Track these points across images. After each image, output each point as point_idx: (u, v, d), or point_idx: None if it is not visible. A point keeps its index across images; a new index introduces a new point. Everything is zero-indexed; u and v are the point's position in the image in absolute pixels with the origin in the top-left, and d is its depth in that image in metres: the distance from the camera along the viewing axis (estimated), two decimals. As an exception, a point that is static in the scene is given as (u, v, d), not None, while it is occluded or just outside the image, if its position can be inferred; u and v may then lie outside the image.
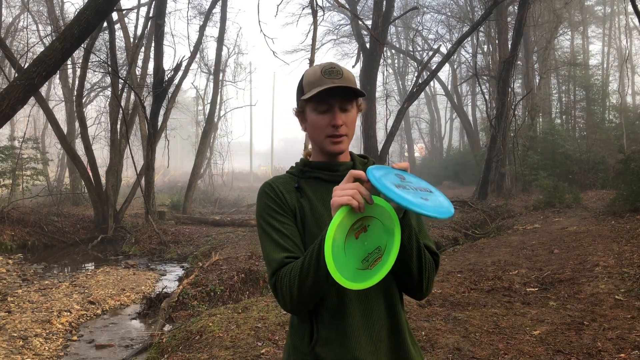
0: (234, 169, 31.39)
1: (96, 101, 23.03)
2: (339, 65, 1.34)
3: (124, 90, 14.94)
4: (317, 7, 10.62)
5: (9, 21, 20.02)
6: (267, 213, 1.32)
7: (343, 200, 1.08)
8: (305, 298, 1.19)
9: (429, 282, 1.30)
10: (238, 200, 22.51)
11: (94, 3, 6.26)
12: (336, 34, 26.32)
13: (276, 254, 1.26)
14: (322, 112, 1.32)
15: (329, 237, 1.07)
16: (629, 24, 26.52)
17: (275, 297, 1.26)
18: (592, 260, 6.45)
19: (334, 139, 1.32)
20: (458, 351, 3.76)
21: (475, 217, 13.42)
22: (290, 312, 1.27)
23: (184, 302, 6.40)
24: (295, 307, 1.23)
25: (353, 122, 1.35)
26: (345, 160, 1.40)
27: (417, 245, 1.23)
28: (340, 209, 1.09)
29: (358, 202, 1.08)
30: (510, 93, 15.47)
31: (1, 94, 6.13)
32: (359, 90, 1.31)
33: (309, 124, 1.36)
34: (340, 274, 1.06)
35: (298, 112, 1.40)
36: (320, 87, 1.28)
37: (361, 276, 1.10)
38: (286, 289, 1.20)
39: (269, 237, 1.29)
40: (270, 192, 1.34)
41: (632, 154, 11.16)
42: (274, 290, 1.25)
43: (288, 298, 1.21)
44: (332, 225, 1.07)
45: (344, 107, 1.31)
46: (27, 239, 11.94)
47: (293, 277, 1.19)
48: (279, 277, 1.23)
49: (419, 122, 38.40)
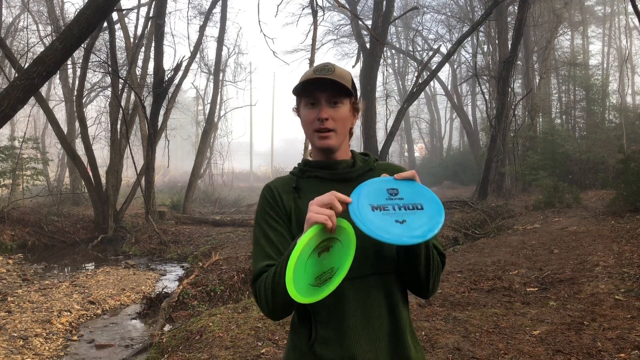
0: (234, 169, 31.39)
1: (96, 101, 23.04)
2: (334, 65, 1.34)
3: (124, 90, 14.93)
4: (317, 7, 10.62)
5: (9, 21, 20.03)
6: (261, 217, 1.36)
7: (319, 218, 1.10)
8: (278, 306, 1.23)
9: (436, 282, 1.32)
10: (238, 200, 22.51)
11: (94, 3, 6.26)
12: (336, 34, 26.36)
13: (259, 262, 1.31)
14: (311, 106, 1.33)
15: (297, 250, 1.09)
16: (629, 24, 26.56)
17: (257, 303, 1.30)
18: (592, 260, 6.45)
19: (320, 133, 1.32)
20: (458, 351, 3.77)
21: (475, 217, 13.42)
22: (271, 318, 1.30)
23: (184, 302, 6.41)
24: (272, 313, 1.26)
25: (343, 119, 1.34)
26: (346, 158, 1.40)
27: (425, 250, 1.24)
28: (314, 226, 1.10)
29: (332, 225, 1.11)
30: (510, 93, 15.47)
31: (1, 94, 6.14)
32: (345, 86, 1.31)
33: (301, 120, 1.38)
34: (294, 287, 1.08)
35: (296, 110, 1.42)
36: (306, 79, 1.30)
37: (309, 292, 1.12)
38: (263, 297, 1.24)
39: (257, 242, 1.35)
40: (268, 196, 1.37)
41: (632, 154, 11.14)
42: (255, 298, 1.29)
43: (265, 305, 1.25)
44: (302, 241, 1.09)
45: (332, 101, 1.32)
46: (27, 239, 11.94)
47: (267, 285, 1.22)
48: (257, 286, 1.27)
49: (419, 122, 38.43)
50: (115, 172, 13.85)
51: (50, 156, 20.94)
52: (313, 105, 1.33)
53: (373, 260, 1.29)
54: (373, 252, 1.29)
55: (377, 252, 1.29)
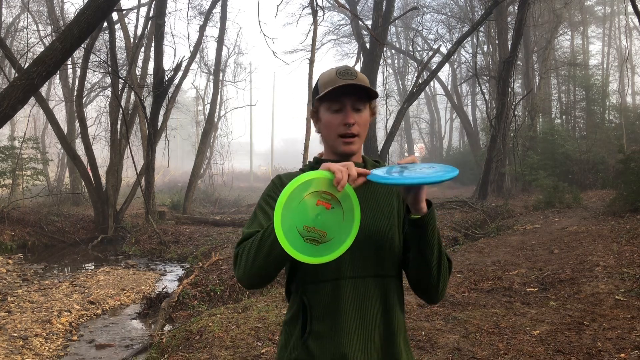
0: (234, 169, 31.36)
1: (96, 101, 23.03)
2: (354, 68, 1.36)
3: (124, 90, 14.93)
4: (317, 7, 10.63)
5: (9, 21, 20.03)
6: (264, 199, 1.36)
7: (333, 167, 1.11)
8: (257, 268, 1.19)
9: (445, 284, 1.32)
10: (238, 200, 22.51)
11: (94, 3, 6.26)
12: (336, 34, 26.35)
13: (250, 229, 1.29)
14: (335, 111, 1.34)
15: (298, 180, 1.07)
16: (629, 24, 26.54)
17: (234, 266, 1.27)
18: (592, 260, 6.45)
19: (345, 138, 1.33)
20: (458, 351, 3.77)
21: (475, 217, 13.41)
22: (245, 281, 1.25)
23: (184, 302, 6.41)
24: (247, 276, 1.22)
25: (366, 124, 1.36)
26: (357, 161, 1.40)
27: (438, 242, 1.25)
28: (325, 171, 1.10)
29: (342, 180, 1.09)
30: (510, 93, 15.46)
31: (1, 94, 6.13)
32: (373, 91, 1.32)
33: (323, 124, 1.38)
34: (280, 224, 1.06)
35: (313, 113, 1.42)
36: (334, 85, 1.30)
37: (297, 243, 1.09)
38: (245, 254, 1.22)
39: (254, 215, 1.34)
40: (277, 182, 1.38)
41: (632, 154, 11.14)
42: (235, 258, 1.26)
43: (242, 265, 1.22)
44: (306, 174, 1.08)
45: (357, 106, 1.33)
46: (27, 239, 11.94)
47: (253, 242, 1.20)
48: (240, 246, 1.26)
49: (419, 122, 38.43)
50: (115, 172, 13.85)
51: (50, 156, 20.94)
52: (338, 110, 1.33)
53: (374, 262, 1.29)
54: (375, 254, 1.29)
55: (379, 254, 1.29)
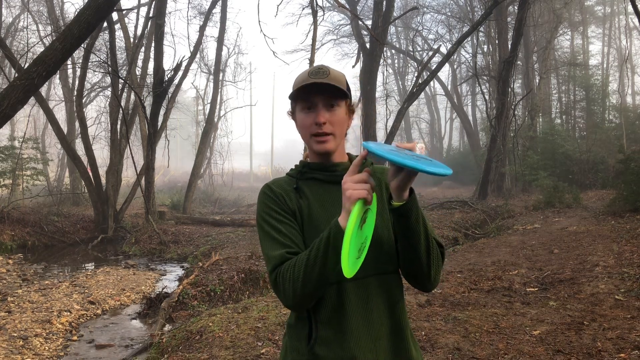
0: (234, 169, 31.40)
1: (96, 101, 23.05)
2: (329, 67, 1.34)
3: (124, 90, 14.94)
4: (317, 7, 10.63)
5: (9, 21, 20.03)
6: (266, 212, 1.32)
7: (362, 194, 1.11)
8: (309, 292, 1.18)
9: (437, 271, 1.30)
10: (238, 200, 22.52)
11: (94, 3, 6.26)
12: (336, 34, 26.37)
13: (276, 251, 1.25)
14: (307, 111, 1.33)
15: (350, 228, 1.09)
16: (629, 24, 26.57)
17: (276, 293, 1.24)
18: (592, 260, 6.45)
19: (318, 137, 1.32)
20: (458, 351, 3.77)
21: (475, 217, 13.42)
22: (292, 308, 1.25)
23: (184, 302, 6.40)
24: (297, 302, 1.20)
25: (341, 122, 1.34)
26: (343, 160, 1.39)
27: (424, 228, 1.23)
28: (358, 202, 1.12)
29: (369, 197, 1.12)
30: (510, 93, 15.47)
31: (1, 94, 6.14)
32: (341, 89, 1.30)
33: (297, 124, 1.38)
34: (348, 265, 1.09)
35: (291, 114, 1.41)
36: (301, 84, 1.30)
37: (354, 265, 1.12)
38: (289, 284, 1.18)
39: (268, 235, 1.29)
40: (269, 193, 1.35)
41: (632, 154, 11.15)
42: (275, 286, 1.23)
43: (291, 293, 1.18)
44: (352, 218, 1.10)
45: (328, 105, 1.31)
46: (27, 239, 11.94)
47: (297, 270, 1.17)
48: (280, 272, 1.21)
49: (419, 122, 38.46)
50: (115, 172, 13.86)
51: (50, 156, 20.94)
52: (309, 109, 1.32)
53: (374, 261, 1.28)
54: (373, 252, 1.28)
55: (377, 252, 1.29)
